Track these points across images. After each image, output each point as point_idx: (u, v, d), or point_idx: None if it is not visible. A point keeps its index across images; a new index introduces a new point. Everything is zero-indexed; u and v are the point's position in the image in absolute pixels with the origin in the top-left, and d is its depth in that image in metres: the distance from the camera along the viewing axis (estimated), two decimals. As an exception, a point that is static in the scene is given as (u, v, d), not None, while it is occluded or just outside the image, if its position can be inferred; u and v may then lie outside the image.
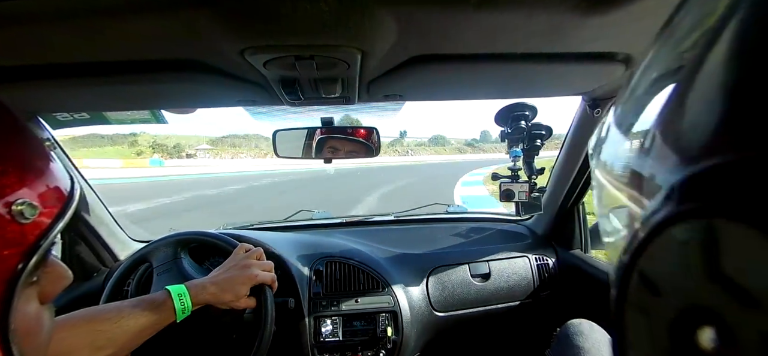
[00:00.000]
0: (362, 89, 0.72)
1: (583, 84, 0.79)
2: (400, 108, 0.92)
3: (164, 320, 0.62)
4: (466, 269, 1.17)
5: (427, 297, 1.12)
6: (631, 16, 0.48)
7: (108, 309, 0.60)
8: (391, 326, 1.04)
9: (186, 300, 0.63)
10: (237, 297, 0.69)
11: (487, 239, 1.27)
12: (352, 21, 0.45)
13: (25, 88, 0.61)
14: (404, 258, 1.17)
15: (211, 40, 0.49)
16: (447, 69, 0.62)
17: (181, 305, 0.63)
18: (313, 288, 1.05)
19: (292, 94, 0.67)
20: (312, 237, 1.19)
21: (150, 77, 0.60)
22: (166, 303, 0.62)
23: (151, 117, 0.96)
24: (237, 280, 0.69)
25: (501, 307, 1.20)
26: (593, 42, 0.56)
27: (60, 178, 0.34)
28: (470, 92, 0.80)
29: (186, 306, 0.63)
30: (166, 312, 0.62)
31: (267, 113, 0.95)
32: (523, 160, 1.06)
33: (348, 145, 0.98)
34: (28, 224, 0.29)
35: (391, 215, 1.44)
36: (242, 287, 0.69)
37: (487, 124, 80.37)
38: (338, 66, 0.57)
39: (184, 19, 0.44)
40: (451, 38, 0.53)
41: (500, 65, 0.62)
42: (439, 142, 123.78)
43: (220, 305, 0.68)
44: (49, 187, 0.32)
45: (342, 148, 0.98)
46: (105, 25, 0.44)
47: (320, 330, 1.02)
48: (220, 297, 0.67)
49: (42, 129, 0.85)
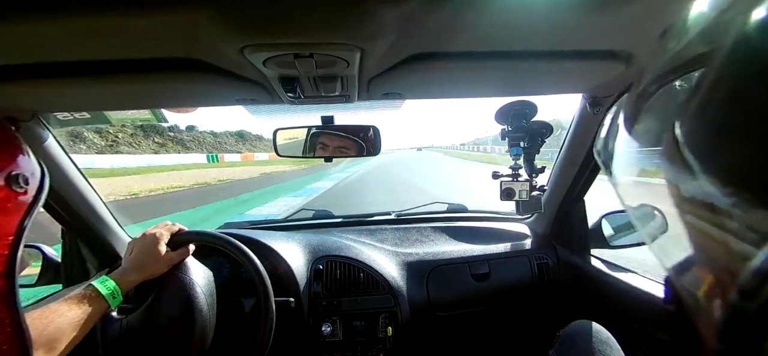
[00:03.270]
0: (362, 87, 0.72)
1: (584, 82, 0.78)
2: (400, 106, 0.92)
3: (97, 311, 0.65)
4: (466, 268, 1.17)
5: (427, 297, 1.12)
6: (632, 14, 0.48)
7: (41, 308, 0.62)
8: (391, 326, 1.04)
9: (109, 283, 0.68)
10: (156, 267, 0.76)
11: (487, 238, 1.27)
12: (352, 18, 0.45)
13: (26, 88, 0.61)
14: (404, 257, 1.17)
15: (211, 38, 0.49)
16: (447, 67, 0.62)
17: (107, 290, 0.67)
18: (313, 288, 1.05)
19: (292, 92, 0.67)
20: (312, 236, 1.19)
21: (150, 76, 0.60)
22: (92, 294, 0.65)
23: (152, 116, 0.97)
24: (145, 252, 0.76)
25: (501, 307, 1.20)
26: (594, 40, 0.56)
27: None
28: (470, 90, 0.80)
29: (113, 290, 0.68)
30: (96, 301, 0.65)
31: (268, 112, 0.95)
32: (524, 159, 1.05)
33: (348, 144, 0.97)
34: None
35: (392, 214, 1.44)
36: (151, 259, 0.76)
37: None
38: (338, 64, 0.57)
39: (184, 18, 0.44)
40: (451, 36, 0.53)
41: (500, 63, 0.62)
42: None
43: (149, 277, 0.75)
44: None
45: (342, 147, 0.98)
46: (105, 23, 0.44)
47: (320, 330, 1.02)
48: (142, 274, 0.74)
49: (42, 128, 0.85)
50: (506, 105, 1.01)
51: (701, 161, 0.16)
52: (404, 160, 29.50)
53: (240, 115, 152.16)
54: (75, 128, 8.77)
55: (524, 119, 1.01)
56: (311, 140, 0.98)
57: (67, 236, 1.05)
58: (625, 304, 0.97)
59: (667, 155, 0.19)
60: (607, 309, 1.03)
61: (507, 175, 1.06)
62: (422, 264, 1.16)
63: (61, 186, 0.93)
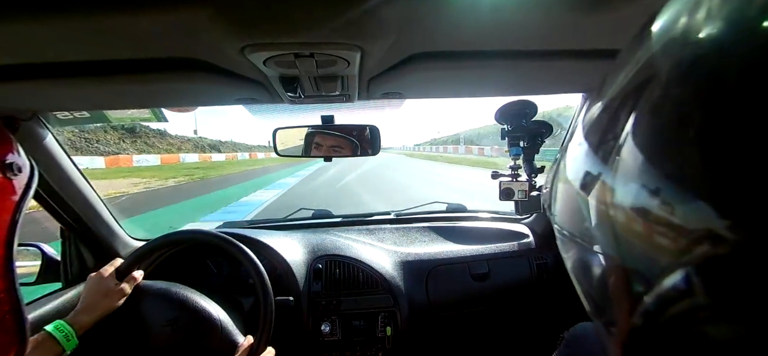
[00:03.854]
0: (362, 87, 0.72)
1: (584, 81, 0.78)
2: (400, 106, 0.92)
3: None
4: (465, 268, 1.17)
5: (427, 297, 1.12)
6: (631, 14, 0.48)
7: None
8: (391, 326, 1.04)
9: (63, 327, 0.69)
10: (107, 303, 0.77)
11: (486, 238, 1.27)
12: (352, 18, 0.45)
13: (25, 87, 0.61)
14: (404, 257, 1.17)
15: (211, 38, 0.49)
16: (447, 67, 0.62)
17: (61, 334, 0.68)
18: (313, 287, 1.05)
19: (292, 92, 0.67)
20: (311, 235, 1.19)
21: (150, 75, 0.60)
22: (45, 339, 0.66)
23: (152, 115, 0.97)
24: (92, 291, 0.78)
25: (500, 307, 1.20)
26: (594, 39, 0.56)
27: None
28: (470, 90, 0.80)
29: (67, 333, 0.69)
30: (50, 346, 0.66)
31: (267, 111, 0.95)
32: (523, 158, 1.05)
33: (349, 143, 0.97)
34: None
35: (391, 213, 1.44)
36: (99, 296, 0.77)
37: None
38: (338, 63, 0.57)
39: (184, 17, 0.44)
40: (451, 36, 0.53)
41: (500, 62, 0.62)
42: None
43: (103, 314, 0.76)
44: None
45: (343, 146, 0.98)
46: (105, 23, 0.44)
47: (319, 329, 1.02)
48: (94, 313, 0.75)
49: (42, 128, 0.85)
50: (506, 104, 1.01)
51: (642, 164, 0.17)
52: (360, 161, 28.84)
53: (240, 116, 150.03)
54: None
55: (524, 119, 1.01)
56: (307, 140, 0.98)
57: (66, 235, 1.05)
58: None
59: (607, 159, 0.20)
60: None
61: (506, 174, 1.06)
62: (421, 264, 1.16)
63: (61, 185, 0.93)
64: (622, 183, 0.18)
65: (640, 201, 0.16)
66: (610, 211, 0.19)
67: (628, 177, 0.17)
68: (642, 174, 0.16)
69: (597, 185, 0.20)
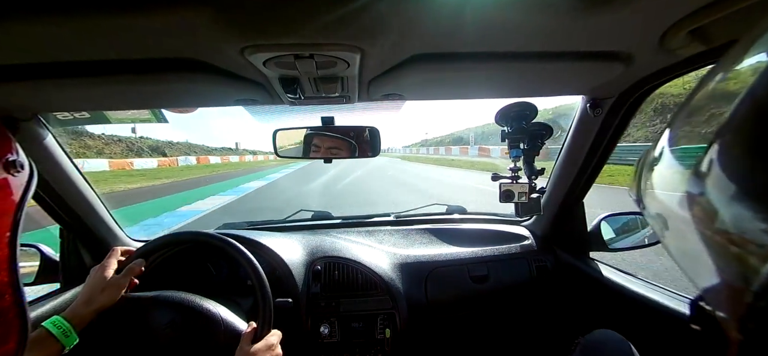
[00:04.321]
0: (362, 88, 0.72)
1: (584, 83, 0.78)
2: (400, 107, 0.92)
3: (50, 353, 0.65)
4: (464, 271, 1.16)
5: (426, 299, 1.12)
6: (632, 15, 0.48)
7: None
8: (390, 327, 1.04)
9: (62, 323, 0.67)
10: (105, 296, 0.75)
11: (486, 240, 1.27)
12: (352, 19, 0.45)
13: (26, 88, 0.61)
14: (403, 259, 1.17)
15: (211, 39, 0.49)
16: (447, 68, 0.62)
17: (59, 330, 0.66)
18: (312, 289, 1.05)
19: (292, 93, 0.67)
20: (310, 237, 1.19)
21: (150, 76, 0.60)
22: (43, 335, 0.65)
23: (152, 116, 0.97)
24: (90, 284, 0.76)
25: (500, 309, 1.20)
26: (594, 41, 0.56)
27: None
28: (470, 91, 0.80)
29: (65, 329, 0.67)
30: (48, 343, 0.65)
31: (268, 113, 0.95)
32: (523, 160, 1.05)
33: (347, 145, 0.97)
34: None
35: (391, 215, 1.44)
36: (97, 289, 0.75)
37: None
38: (338, 65, 0.57)
39: (184, 18, 0.44)
40: (451, 37, 0.53)
41: (500, 64, 0.62)
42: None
43: (101, 308, 0.74)
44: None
45: (342, 148, 0.97)
46: (106, 23, 0.44)
47: (318, 331, 1.02)
48: (91, 306, 0.73)
49: (42, 128, 0.85)
50: (506, 106, 1.00)
51: (736, 183, 0.17)
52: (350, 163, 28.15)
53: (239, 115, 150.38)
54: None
55: (524, 121, 1.01)
56: (305, 141, 0.98)
57: (65, 235, 1.05)
58: (624, 307, 0.96)
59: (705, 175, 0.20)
60: (605, 312, 1.03)
61: (507, 176, 1.06)
62: (421, 266, 1.15)
63: (61, 185, 0.93)
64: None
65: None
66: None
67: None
68: None
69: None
